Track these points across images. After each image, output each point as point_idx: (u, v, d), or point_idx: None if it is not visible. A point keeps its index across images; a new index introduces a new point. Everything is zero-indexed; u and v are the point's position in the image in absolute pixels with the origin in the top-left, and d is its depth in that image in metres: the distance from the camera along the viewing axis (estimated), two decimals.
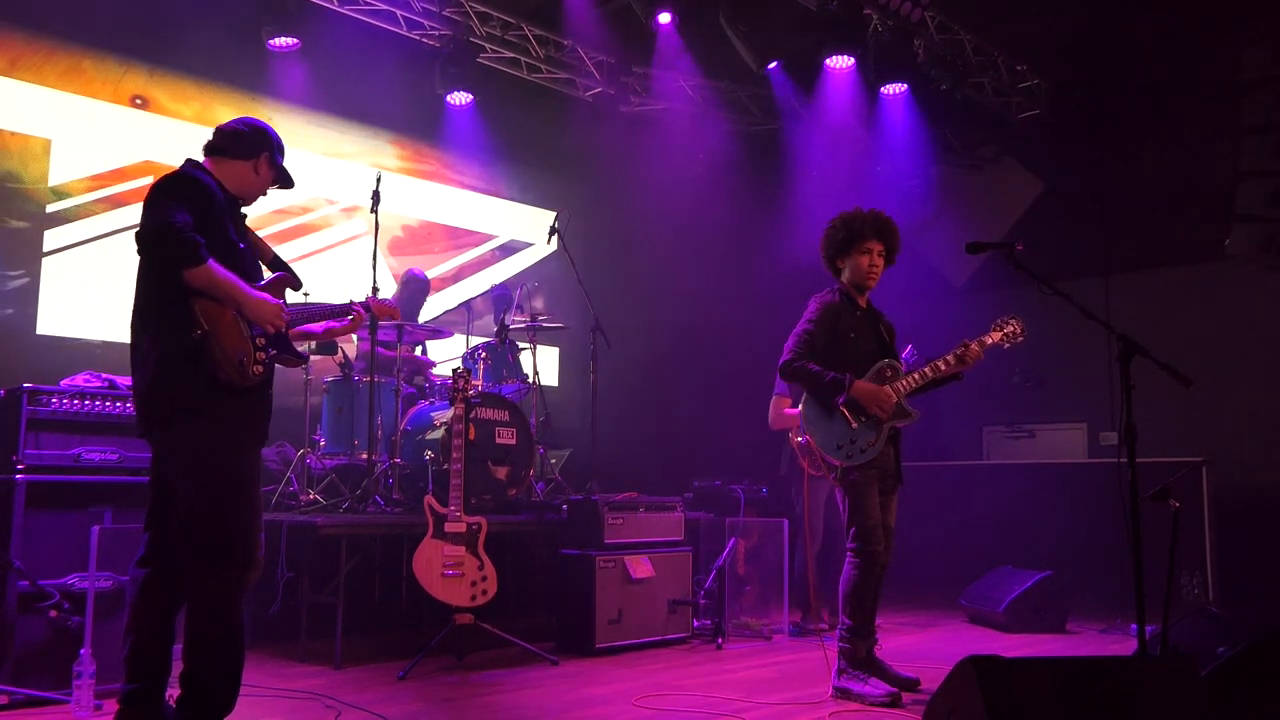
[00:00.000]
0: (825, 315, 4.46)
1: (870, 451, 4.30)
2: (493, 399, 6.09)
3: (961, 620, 6.69)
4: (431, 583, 4.86)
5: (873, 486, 4.32)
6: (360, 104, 8.16)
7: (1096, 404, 8.73)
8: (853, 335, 4.44)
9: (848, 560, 4.33)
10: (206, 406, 3.12)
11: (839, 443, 4.32)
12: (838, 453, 4.31)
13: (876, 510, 4.31)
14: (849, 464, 4.29)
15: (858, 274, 4.52)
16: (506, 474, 6.01)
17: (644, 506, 5.78)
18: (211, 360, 3.11)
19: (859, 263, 4.51)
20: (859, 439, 4.31)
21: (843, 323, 4.45)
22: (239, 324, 3.21)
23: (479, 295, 7.36)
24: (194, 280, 3.10)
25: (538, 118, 9.18)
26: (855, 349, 4.42)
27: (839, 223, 4.55)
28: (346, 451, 6.17)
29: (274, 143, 3.50)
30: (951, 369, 4.38)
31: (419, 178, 8.76)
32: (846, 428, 4.32)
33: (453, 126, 8.72)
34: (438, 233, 8.87)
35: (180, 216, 3.09)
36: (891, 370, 4.42)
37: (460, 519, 4.96)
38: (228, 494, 3.14)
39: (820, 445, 4.34)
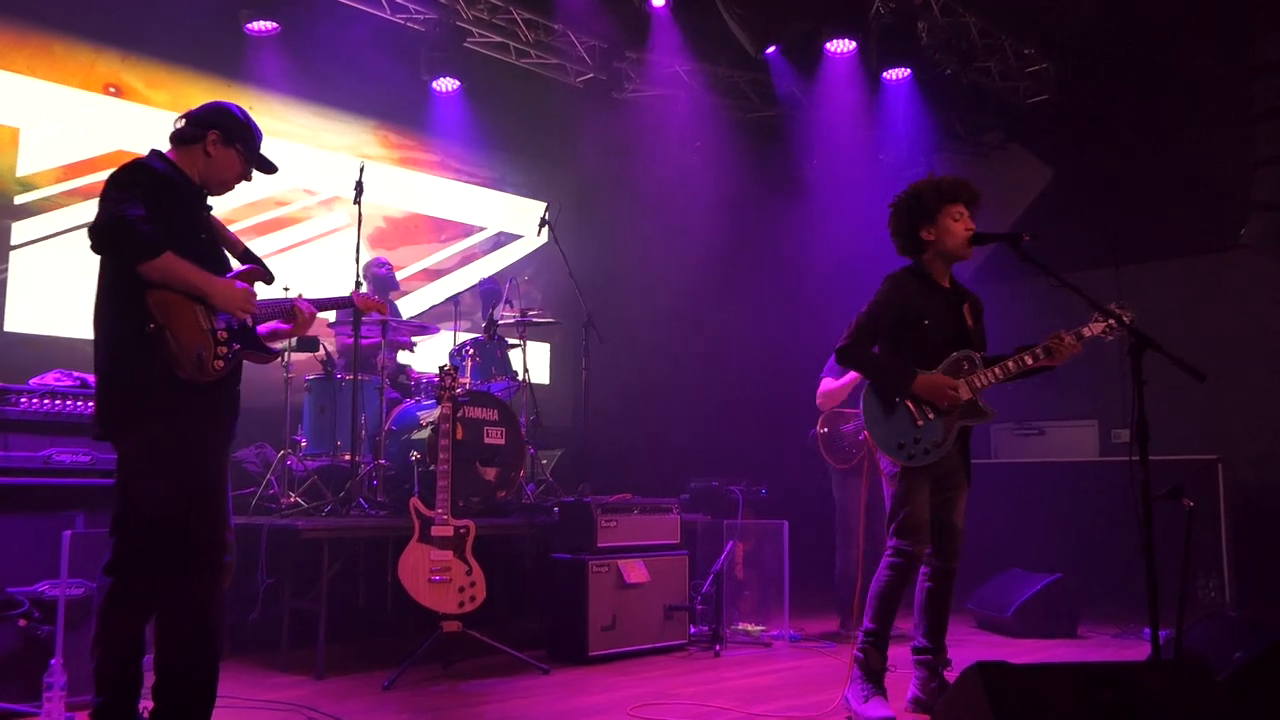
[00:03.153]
0: (894, 294, 4.10)
1: (935, 452, 4.01)
2: (481, 397, 6.08)
3: (969, 625, 6.69)
4: (418, 588, 4.85)
5: (923, 480, 4.03)
6: (342, 91, 8.14)
7: (1108, 400, 8.74)
8: (926, 321, 4.08)
9: (884, 559, 4.07)
10: (164, 405, 3.10)
11: (900, 441, 4.02)
12: (899, 452, 4.01)
13: (924, 506, 4.02)
14: (910, 465, 4.00)
15: (953, 241, 4.10)
16: (495, 475, 6.00)
17: (638, 508, 5.78)
18: (168, 356, 3.09)
19: (953, 228, 4.10)
20: (924, 437, 4.02)
21: (916, 305, 4.09)
22: (197, 317, 3.18)
23: (467, 290, 7.37)
24: (150, 273, 3.08)
25: (527, 105, 9.16)
26: (926, 336, 4.07)
27: (922, 186, 4.16)
28: (329, 452, 6.16)
29: (229, 119, 3.43)
30: (1040, 364, 4.04)
31: (404, 167, 8.74)
32: (910, 424, 4.02)
33: (439, 114, 8.70)
34: (423, 225, 8.85)
35: (132, 209, 3.06)
36: (969, 362, 4.09)
37: (447, 522, 4.95)
38: (191, 496, 3.12)
39: (880, 443, 4.04)
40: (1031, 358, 4.06)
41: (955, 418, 4.06)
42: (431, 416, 5.91)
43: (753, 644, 5.98)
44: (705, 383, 9.26)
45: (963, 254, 4.16)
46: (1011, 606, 6.36)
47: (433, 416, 5.85)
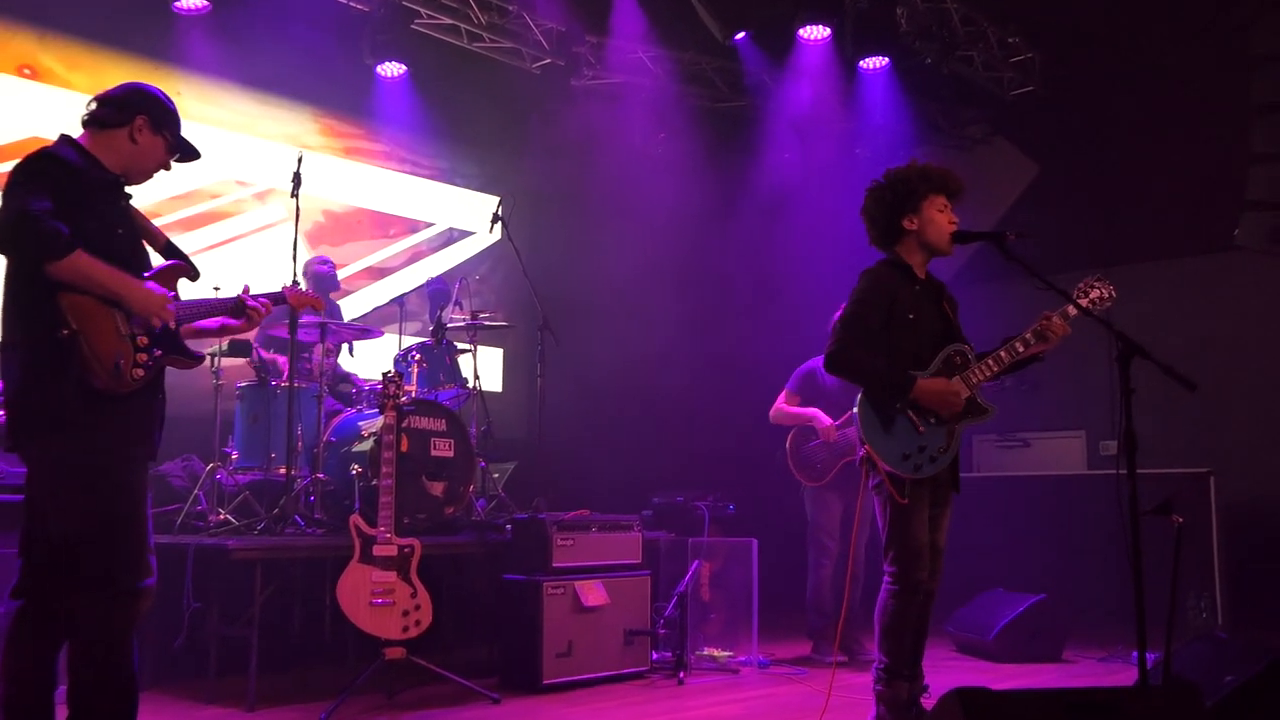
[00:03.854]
0: (878, 291, 4.12)
1: (942, 460, 4.03)
2: (428, 406, 6.06)
3: (948, 649, 6.74)
4: (358, 613, 4.81)
5: (922, 501, 4.04)
6: (278, 74, 8.08)
7: (1096, 410, 8.86)
8: (912, 316, 4.11)
9: (884, 587, 4.07)
10: (79, 416, 3.06)
11: (905, 452, 4.00)
12: (904, 464, 4.00)
13: (923, 530, 4.03)
14: (918, 476, 4.00)
15: (935, 234, 4.15)
16: (443, 490, 5.98)
17: (597, 526, 5.77)
18: (82, 363, 3.05)
19: (937, 220, 4.15)
20: (929, 446, 4.02)
21: (900, 300, 4.11)
22: (115, 321, 3.15)
23: (413, 290, 7.33)
24: (60, 274, 3.04)
25: (479, 92, 9.13)
26: (915, 332, 4.10)
27: (908, 172, 4.20)
28: (262, 465, 6.11)
29: (157, 105, 3.40)
30: (1031, 349, 4.10)
31: (345, 158, 8.69)
32: (913, 433, 4.02)
33: (384, 101, 8.65)
34: (366, 220, 8.80)
35: (37, 203, 3.01)
36: (961, 357, 4.13)
37: (390, 541, 4.92)
38: (108, 514, 3.08)
39: (883, 456, 4.01)
40: (1022, 344, 4.11)
41: (956, 420, 4.09)
42: (374, 427, 5.87)
43: (719, 670, 5.99)
44: (670, 391, 9.26)
45: (944, 249, 4.19)
46: (993, 629, 6.42)
47: (375, 427, 5.81)
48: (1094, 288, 4.16)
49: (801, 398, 6.41)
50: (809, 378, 6.42)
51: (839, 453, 6.16)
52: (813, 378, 6.39)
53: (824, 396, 6.31)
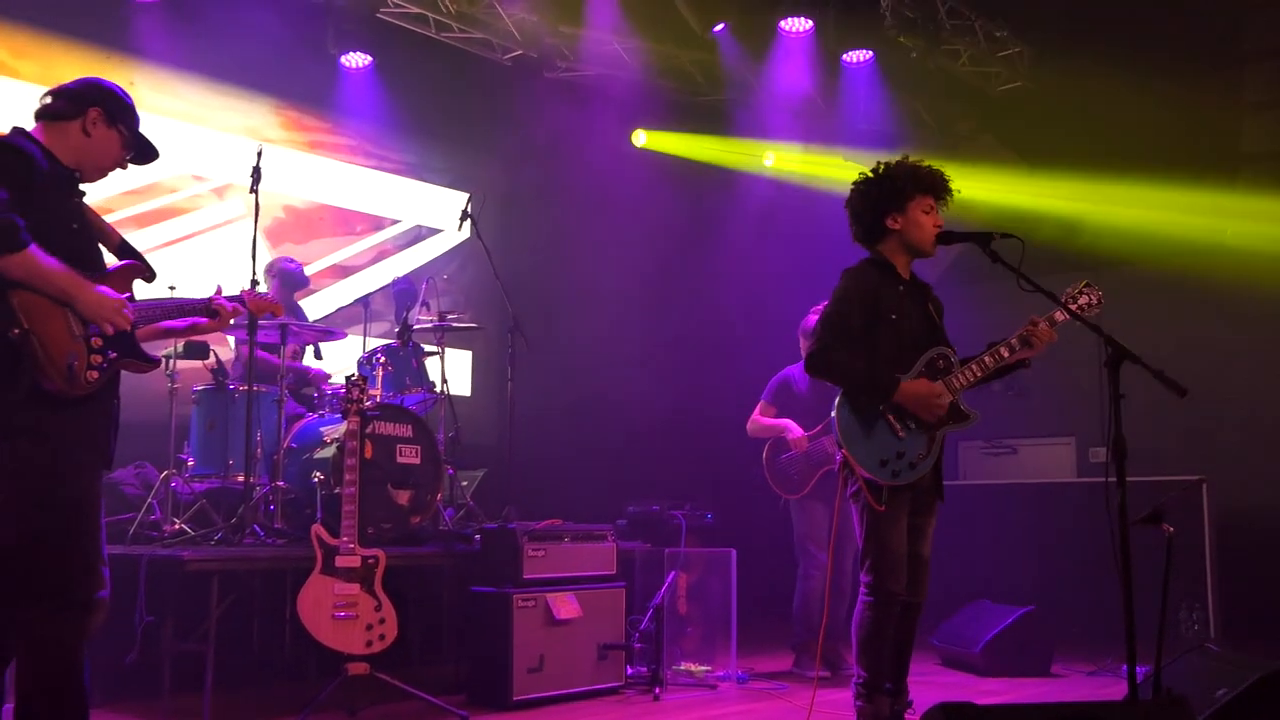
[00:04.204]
0: (861, 291, 4.15)
1: (921, 466, 4.06)
2: (393, 411, 6.05)
3: (933, 662, 6.77)
4: (320, 626, 4.79)
5: (900, 510, 4.05)
6: (238, 64, 8.03)
7: (1086, 416, 8.90)
8: (894, 316, 4.14)
9: (860, 598, 4.09)
10: (30, 421, 3.05)
11: (883, 458, 4.03)
12: (882, 470, 4.01)
13: (901, 539, 4.04)
14: (896, 483, 4.02)
15: (920, 235, 4.18)
16: (409, 499, 5.97)
17: (569, 536, 5.77)
18: (34, 365, 3.04)
19: (922, 221, 4.18)
20: (908, 451, 4.04)
21: (883, 300, 4.14)
22: (69, 321, 3.13)
23: (378, 290, 7.31)
24: (11, 270, 3.02)
25: (448, 84, 9.12)
26: (898, 333, 4.13)
27: (895, 169, 4.23)
28: (220, 473, 6.08)
29: (112, 98, 3.40)
30: (1017, 355, 4.14)
31: (307, 152, 8.66)
32: (892, 438, 4.05)
33: (348, 93, 8.63)
34: (329, 217, 8.78)
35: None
36: (944, 361, 4.16)
37: (354, 551, 4.90)
38: (59, 524, 3.06)
39: (860, 462, 4.03)
40: (1007, 349, 4.14)
41: (937, 426, 4.11)
42: (337, 433, 5.86)
43: (697, 686, 5.99)
44: (646, 396, 9.28)
45: (927, 250, 4.22)
46: (980, 642, 6.45)
47: (338, 433, 5.80)
48: (1082, 293, 4.21)
49: (776, 408, 6.43)
50: (783, 387, 6.44)
51: (816, 462, 6.18)
52: (787, 387, 6.42)
53: (798, 405, 6.34)
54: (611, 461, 8.88)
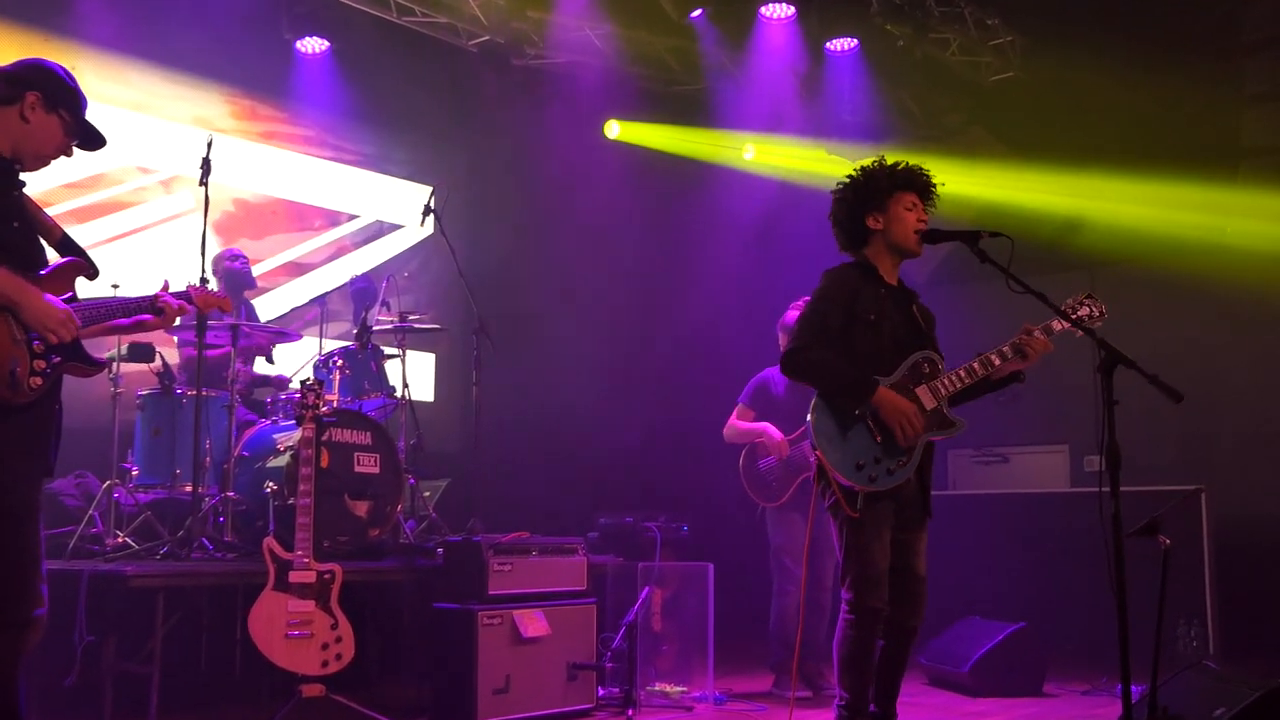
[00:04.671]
0: (840, 290, 4.18)
1: (900, 473, 4.04)
2: (351, 417, 6.03)
3: (921, 682, 6.80)
4: (272, 646, 4.77)
5: (882, 522, 4.05)
6: (186, 49, 8.01)
7: (1081, 423, 8.90)
8: (873, 317, 4.16)
9: (841, 616, 4.08)
10: None
11: (859, 461, 4.02)
12: (858, 474, 4.01)
13: (883, 553, 4.03)
14: (872, 489, 4.01)
15: (903, 232, 4.20)
16: (368, 510, 5.96)
17: (538, 549, 5.76)
18: None
19: (903, 218, 4.20)
20: (885, 457, 4.04)
21: (861, 301, 4.16)
22: (10, 326, 3.12)
23: (335, 289, 7.29)
24: None
25: (410, 71, 9.10)
26: (878, 335, 4.15)
27: (872, 169, 4.26)
28: (166, 483, 6.06)
29: (53, 80, 3.38)
30: (1010, 366, 4.15)
31: (260, 142, 8.63)
32: (869, 441, 4.04)
33: (303, 80, 8.60)
34: (283, 211, 8.74)
35: None
36: (930, 365, 4.17)
37: (309, 566, 4.89)
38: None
39: (836, 465, 4.03)
40: (999, 358, 4.15)
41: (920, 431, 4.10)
42: (291, 440, 5.83)
43: (672, 708, 6.00)
44: (619, 401, 9.28)
45: (912, 249, 4.24)
46: (969, 660, 6.48)
47: (292, 440, 5.77)
48: (1083, 305, 4.22)
49: (755, 412, 6.43)
50: (761, 389, 6.45)
51: (795, 469, 6.19)
52: (765, 389, 6.43)
53: (777, 409, 6.35)
54: (582, 471, 8.88)
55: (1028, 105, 9.55)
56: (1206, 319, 8.83)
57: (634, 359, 9.51)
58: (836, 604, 4.19)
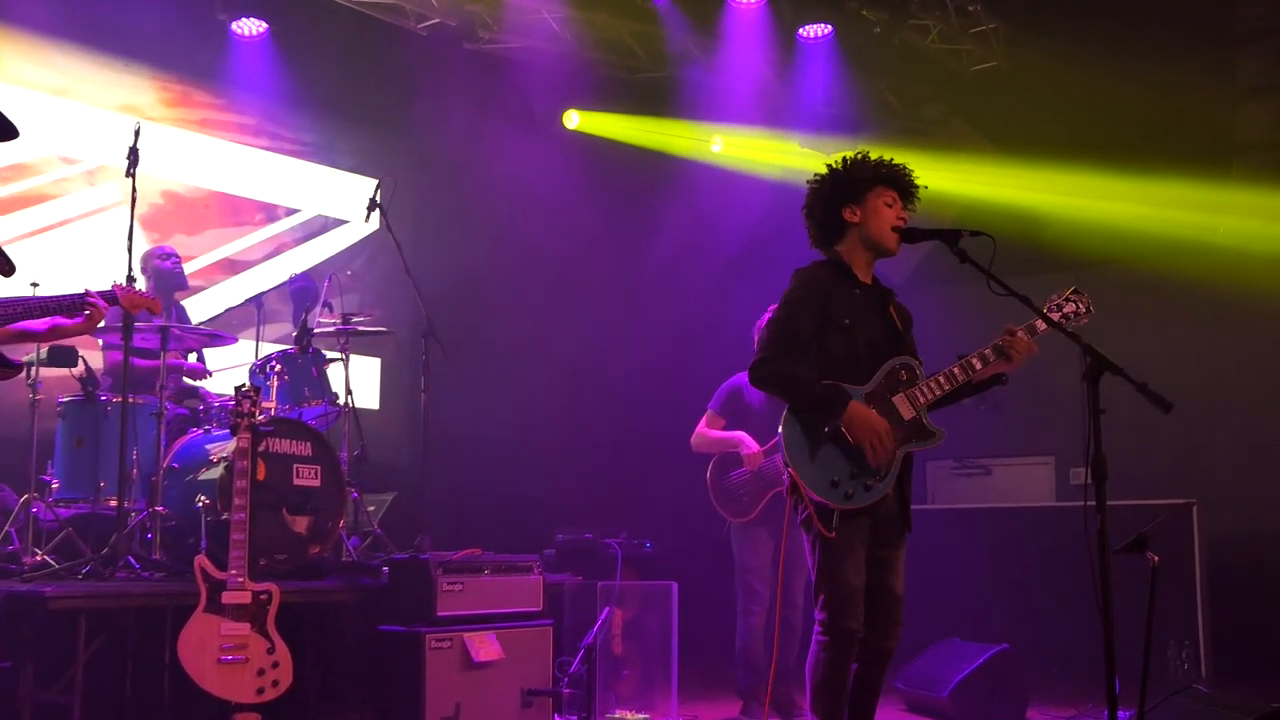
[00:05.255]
0: (810, 293, 4.17)
1: (877, 489, 4.03)
2: (290, 426, 6.01)
3: (898, 708, 6.84)
4: (204, 672, 4.75)
5: (856, 540, 4.04)
6: (112, 30, 7.96)
7: (1067, 433, 9.01)
8: (847, 321, 4.15)
9: (814, 639, 4.08)
10: None
11: (834, 478, 4.01)
12: (833, 492, 4.00)
13: (858, 571, 4.03)
14: (848, 507, 4.00)
15: (877, 229, 4.21)
16: (308, 526, 5.94)
17: (490, 567, 5.76)
18: None
19: (881, 213, 4.21)
20: (862, 473, 4.03)
21: (834, 303, 4.15)
22: None
23: (273, 288, 7.26)
24: None
25: (355, 55, 9.08)
26: (852, 340, 4.15)
27: (852, 160, 4.26)
28: (89, 497, 6.01)
29: None
30: (991, 369, 4.15)
31: (192, 130, 8.59)
32: (844, 457, 4.03)
33: (239, 64, 8.57)
34: (217, 204, 8.70)
35: None
36: (907, 372, 4.16)
37: (244, 586, 4.87)
38: None
39: (809, 483, 4.02)
40: (981, 361, 4.15)
41: (897, 443, 4.09)
42: (224, 451, 5.81)
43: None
44: (578, 409, 9.29)
45: (889, 247, 4.25)
46: (949, 685, 6.51)
47: (226, 451, 5.75)
48: (1069, 301, 4.25)
49: (726, 419, 6.43)
50: (734, 396, 6.45)
51: (767, 482, 6.20)
52: (738, 395, 6.43)
53: (751, 417, 6.35)
54: (538, 484, 8.87)
55: (1011, 96, 9.62)
56: (1198, 323, 8.94)
57: (595, 364, 9.50)
58: (808, 625, 4.20)
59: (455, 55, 9.24)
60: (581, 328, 9.61)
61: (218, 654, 4.77)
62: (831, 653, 4.04)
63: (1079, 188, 9.11)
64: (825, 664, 4.05)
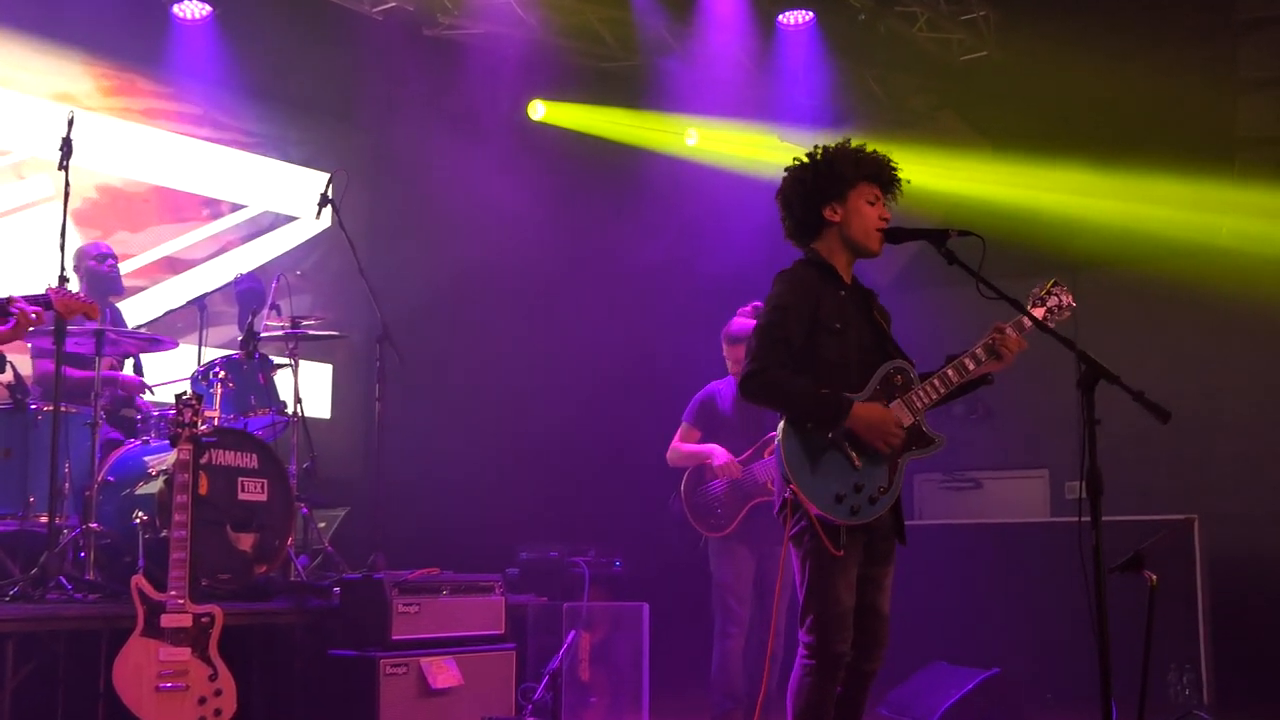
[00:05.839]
0: (800, 296, 4.18)
1: (883, 502, 4.05)
2: (235, 437, 6.01)
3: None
4: (141, 700, 4.73)
5: (852, 558, 4.04)
6: (44, 11, 7.92)
7: (1062, 445, 9.07)
8: (838, 325, 4.16)
9: (799, 661, 4.07)
10: None
11: (839, 492, 4.01)
12: (838, 507, 4.00)
13: (849, 593, 4.03)
14: (854, 522, 4.01)
15: (860, 229, 4.23)
16: (253, 544, 5.92)
17: (449, 588, 5.76)
18: None
19: (864, 212, 4.23)
20: (867, 484, 4.04)
21: (825, 306, 4.17)
22: None
23: (217, 289, 7.22)
24: None
25: (306, 41, 9.05)
26: (843, 345, 4.16)
27: (835, 153, 4.27)
28: (17, 513, 5.96)
29: None
30: (983, 368, 4.17)
31: (131, 120, 8.54)
32: (847, 469, 4.04)
33: (181, 50, 8.53)
34: (157, 200, 8.66)
35: None
36: (902, 377, 4.18)
37: (184, 609, 4.85)
38: None
39: (812, 498, 4.01)
40: (973, 361, 4.17)
41: (899, 453, 4.12)
42: (164, 463, 5.79)
43: None
44: (543, 419, 9.28)
45: (872, 248, 4.26)
46: (936, 712, 6.53)
47: (166, 463, 5.73)
48: (1051, 294, 4.29)
49: (701, 431, 6.43)
50: (707, 406, 6.45)
51: (744, 495, 6.19)
52: (711, 405, 6.43)
53: (725, 426, 6.36)
54: (501, 498, 8.86)
55: (1003, 88, 9.67)
56: (1199, 328, 8.98)
57: (563, 371, 9.49)
58: (791, 647, 4.20)
59: (413, 41, 9.23)
60: (548, 331, 9.60)
61: (156, 681, 4.75)
62: (818, 677, 4.03)
63: (1073, 185, 9.15)
64: (810, 689, 4.04)
